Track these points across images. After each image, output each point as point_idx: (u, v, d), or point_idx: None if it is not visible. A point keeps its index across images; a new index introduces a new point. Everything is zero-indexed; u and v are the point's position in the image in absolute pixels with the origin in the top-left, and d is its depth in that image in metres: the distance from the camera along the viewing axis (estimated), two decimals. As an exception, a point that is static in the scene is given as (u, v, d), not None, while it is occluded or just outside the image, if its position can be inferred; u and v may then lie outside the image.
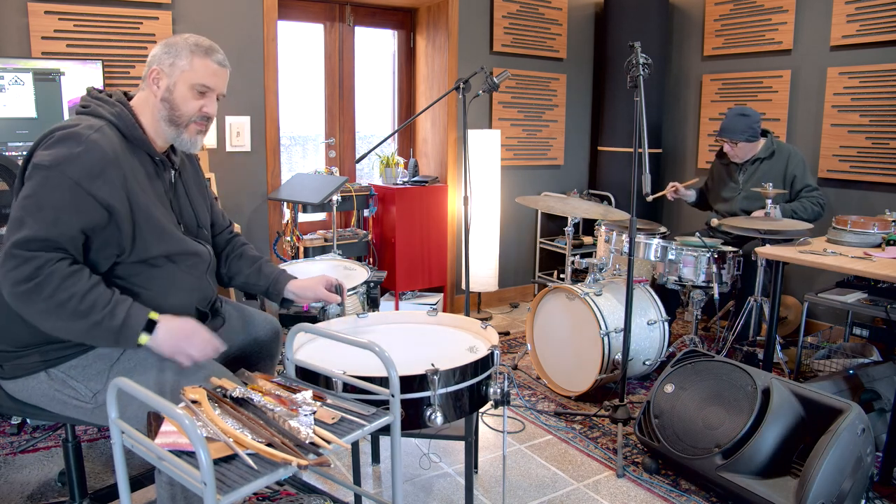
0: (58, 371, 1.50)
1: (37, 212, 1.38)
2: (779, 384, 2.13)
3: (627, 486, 2.30)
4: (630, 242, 2.56)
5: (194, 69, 1.56)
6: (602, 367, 2.83)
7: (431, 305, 4.02)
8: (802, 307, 3.43)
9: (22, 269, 1.35)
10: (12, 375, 1.52)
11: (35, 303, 1.36)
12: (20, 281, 1.35)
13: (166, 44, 1.58)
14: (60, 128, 1.45)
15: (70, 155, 1.40)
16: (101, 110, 1.52)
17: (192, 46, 1.57)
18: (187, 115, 1.58)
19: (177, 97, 1.57)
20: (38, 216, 1.38)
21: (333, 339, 1.47)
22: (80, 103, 1.56)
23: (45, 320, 1.39)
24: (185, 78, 1.56)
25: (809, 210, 3.20)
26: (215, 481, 1.00)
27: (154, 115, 1.58)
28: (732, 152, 3.37)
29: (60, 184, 1.39)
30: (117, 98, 1.57)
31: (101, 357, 1.50)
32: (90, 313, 1.38)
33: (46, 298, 1.36)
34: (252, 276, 1.89)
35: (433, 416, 1.49)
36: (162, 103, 1.57)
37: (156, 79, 1.57)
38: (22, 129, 2.83)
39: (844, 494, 1.92)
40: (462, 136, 3.32)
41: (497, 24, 4.24)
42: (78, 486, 1.81)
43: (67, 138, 1.42)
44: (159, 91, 1.57)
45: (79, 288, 1.38)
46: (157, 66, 1.57)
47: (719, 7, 4.28)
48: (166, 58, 1.56)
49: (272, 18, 3.54)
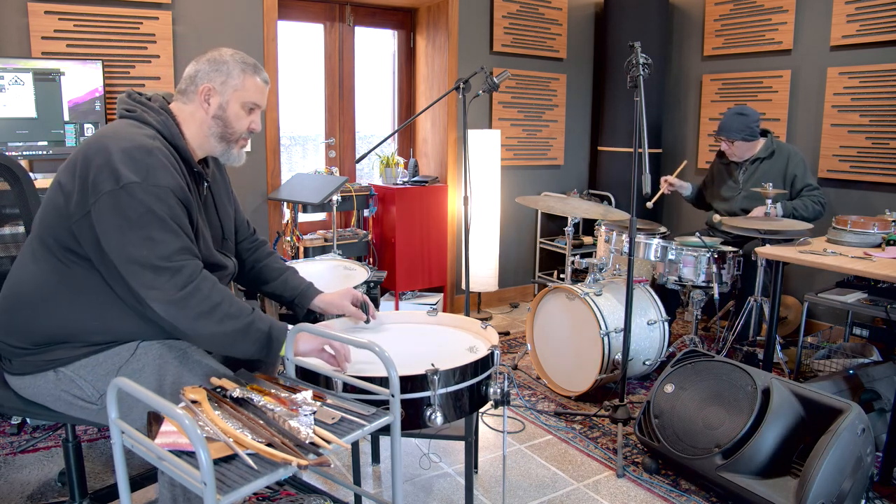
0: (66, 370, 1.50)
1: (161, 224, 1.40)
2: (779, 384, 2.13)
3: (627, 486, 2.30)
4: (630, 242, 2.56)
5: (246, 88, 1.60)
6: (602, 367, 2.83)
7: (431, 305, 4.02)
8: (802, 307, 3.43)
9: (177, 279, 1.39)
10: (21, 372, 1.52)
11: (192, 308, 1.40)
12: (178, 288, 1.39)
13: (213, 60, 1.59)
14: (119, 137, 1.44)
15: (150, 165, 1.41)
16: (148, 117, 1.53)
17: (241, 65, 1.60)
18: (239, 131, 1.63)
19: (230, 115, 1.60)
20: (164, 227, 1.40)
21: (333, 338, 1.47)
22: (125, 107, 1.55)
23: (199, 326, 1.42)
24: (238, 96, 1.60)
25: (810, 209, 3.20)
26: (215, 481, 1.00)
27: (203, 130, 1.61)
28: (730, 151, 3.38)
29: (160, 194, 1.41)
30: (160, 105, 1.58)
31: (111, 357, 1.50)
32: (240, 316, 1.45)
33: (202, 301, 1.41)
34: (278, 287, 1.90)
35: (433, 416, 1.49)
36: (214, 120, 1.60)
37: (207, 96, 1.59)
38: (22, 129, 2.83)
39: (844, 494, 1.92)
40: (462, 136, 3.32)
41: (497, 24, 4.24)
42: (78, 486, 1.81)
43: (134, 149, 1.42)
44: (211, 108, 1.59)
45: (225, 293, 1.46)
46: (208, 84, 1.58)
47: (719, 7, 4.28)
48: (217, 76, 1.58)
49: (272, 18, 3.54)
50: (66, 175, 1.46)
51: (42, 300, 1.49)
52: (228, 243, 1.79)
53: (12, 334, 1.52)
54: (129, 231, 1.38)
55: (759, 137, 3.35)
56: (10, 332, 1.52)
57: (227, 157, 1.67)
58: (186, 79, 1.61)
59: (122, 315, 1.50)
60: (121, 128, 1.49)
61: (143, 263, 1.38)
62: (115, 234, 1.38)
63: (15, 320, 1.52)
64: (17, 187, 1.75)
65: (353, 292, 1.90)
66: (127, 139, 1.43)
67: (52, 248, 1.48)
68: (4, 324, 1.53)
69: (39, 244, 1.50)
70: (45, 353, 1.50)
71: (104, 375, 1.49)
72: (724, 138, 3.34)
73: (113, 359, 1.50)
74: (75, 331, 1.49)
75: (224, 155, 1.66)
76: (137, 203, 1.38)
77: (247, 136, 1.66)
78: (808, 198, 3.24)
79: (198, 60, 1.61)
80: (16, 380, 1.54)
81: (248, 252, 1.93)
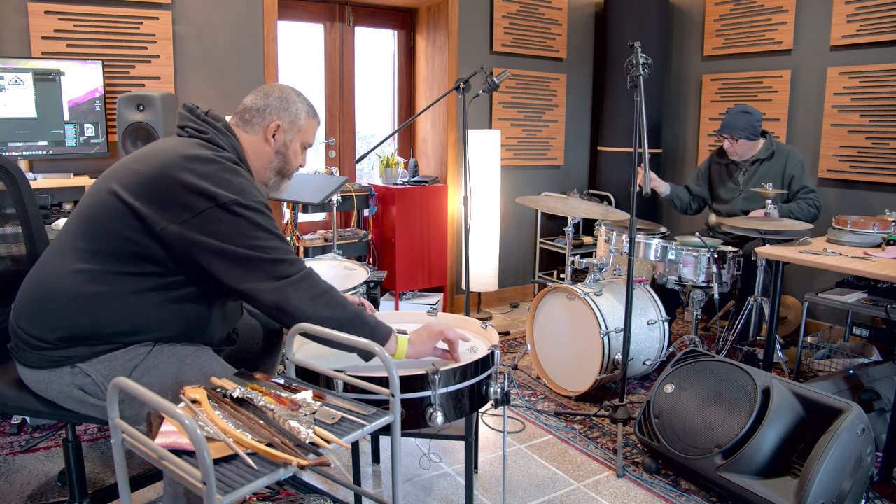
0: (83, 366, 1.49)
1: (278, 237, 1.50)
2: (779, 384, 2.13)
3: (627, 486, 2.30)
4: (630, 242, 2.56)
5: (308, 130, 1.73)
6: (602, 367, 2.83)
7: (431, 305, 4.02)
8: (802, 307, 3.43)
9: (296, 265, 1.51)
10: (36, 365, 1.51)
11: (305, 290, 1.49)
12: (297, 272, 1.50)
13: (283, 98, 1.68)
14: (201, 160, 1.48)
15: (241, 185, 1.49)
16: (219, 140, 1.59)
17: (308, 108, 1.72)
18: (294, 168, 1.75)
19: (291, 153, 1.72)
20: (280, 241, 1.50)
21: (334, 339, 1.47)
22: (195, 126, 1.58)
23: (314, 307, 1.50)
24: (300, 137, 1.72)
25: (806, 211, 3.21)
26: (215, 481, 1.00)
27: (262, 162, 1.69)
28: (732, 149, 3.38)
29: (258, 208, 1.48)
30: (224, 124, 1.64)
31: (127, 355, 1.50)
32: (347, 306, 1.55)
33: (314, 285, 1.52)
34: None
35: (433, 416, 1.49)
36: (277, 156, 1.70)
37: (275, 132, 1.67)
38: (22, 129, 2.83)
39: (844, 494, 1.92)
40: (462, 136, 3.32)
41: (497, 24, 4.24)
42: (78, 486, 1.81)
43: (227, 170, 1.49)
44: (276, 144, 1.68)
45: (331, 286, 1.56)
46: (277, 121, 1.67)
47: (719, 7, 4.28)
48: (286, 115, 1.68)
49: (272, 18, 3.54)
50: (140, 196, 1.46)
51: (82, 297, 1.47)
52: None
53: (37, 325, 1.50)
54: (254, 243, 1.46)
55: (760, 137, 3.35)
56: (36, 323, 1.50)
57: (276, 189, 1.78)
58: (253, 110, 1.67)
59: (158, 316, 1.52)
60: (197, 149, 1.52)
61: (266, 251, 1.47)
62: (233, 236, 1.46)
63: (46, 312, 1.49)
64: (13, 187, 1.75)
65: (352, 298, 1.91)
66: (207, 160, 1.49)
67: (101, 251, 1.48)
68: (31, 314, 1.51)
69: (88, 246, 1.48)
70: (65, 349, 1.49)
71: (119, 373, 1.48)
72: (727, 136, 3.33)
73: (128, 356, 1.50)
74: (104, 330, 1.49)
75: (275, 186, 1.77)
76: (249, 219, 1.46)
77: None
78: (804, 200, 3.24)
79: (267, 95, 1.68)
80: (30, 373, 1.53)
81: None
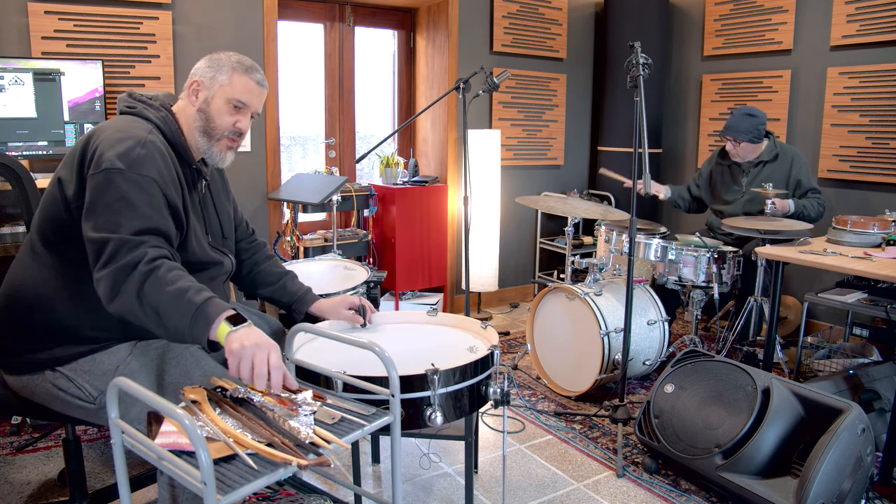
0: (64, 369, 1.50)
1: (132, 210, 1.38)
2: (779, 384, 2.13)
3: (627, 486, 2.30)
4: (630, 242, 2.56)
5: (233, 84, 1.61)
6: (602, 367, 2.83)
7: (431, 305, 4.02)
8: (802, 307, 3.43)
9: (134, 254, 1.35)
10: (18, 371, 1.52)
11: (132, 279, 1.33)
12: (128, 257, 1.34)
13: (211, 58, 1.63)
14: (115, 129, 1.47)
15: (139, 157, 1.42)
16: (148, 113, 1.56)
17: (234, 63, 1.62)
18: (221, 128, 1.62)
19: (213, 109, 1.61)
20: (136, 213, 1.38)
21: (333, 339, 1.47)
22: (125, 104, 1.59)
23: (133, 288, 1.33)
24: (223, 92, 1.61)
25: (816, 210, 3.22)
26: (215, 481, 1.00)
27: (189, 124, 1.63)
28: (734, 151, 3.37)
29: (140, 182, 1.41)
30: (161, 103, 1.61)
31: (109, 356, 1.50)
32: (177, 281, 1.34)
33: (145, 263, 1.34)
34: (276, 291, 1.92)
35: (433, 416, 1.49)
36: (198, 114, 1.62)
37: (195, 90, 1.62)
38: (22, 129, 2.83)
39: (844, 494, 1.92)
40: (462, 136, 3.32)
41: (497, 24, 4.24)
42: (78, 486, 1.81)
43: (127, 139, 1.44)
44: (197, 102, 1.62)
45: (173, 265, 1.38)
46: (198, 78, 1.62)
47: (719, 7, 4.28)
48: (208, 71, 1.62)
49: (272, 18, 3.54)
50: (65, 169, 1.49)
51: (41, 296, 1.49)
52: (229, 242, 1.80)
53: (10, 332, 1.52)
54: (102, 213, 1.38)
55: (763, 139, 3.35)
56: (8, 330, 1.52)
57: (209, 155, 1.65)
58: (189, 77, 1.65)
59: None
60: (117, 121, 1.53)
61: (94, 243, 1.36)
62: (87, 214, 1.39)
63: (14, 318, 1.52)
64: (18, 187, 1.76)
65: (351, 299, 1.91)
66: (121, 129, 1.47)
67: (51, 242, 1.49)
68: (2, 321, 1.53)
69: (39, 239, 1.51)
70: (43, 351, 1.50)
71: (102, 375, 1.49)
72: (730, 138, 3.33)
73: (110, 358, 1.50)
74: (74, 328, 1.50)
75: (207, 152, 1.64)
76: (114, 189, 1.39)
77: (232, 136, 1.64)
78: (815, 199, 3.24)
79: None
80: (14, 379, 1.54)
81: (246, 253, 1.93)
